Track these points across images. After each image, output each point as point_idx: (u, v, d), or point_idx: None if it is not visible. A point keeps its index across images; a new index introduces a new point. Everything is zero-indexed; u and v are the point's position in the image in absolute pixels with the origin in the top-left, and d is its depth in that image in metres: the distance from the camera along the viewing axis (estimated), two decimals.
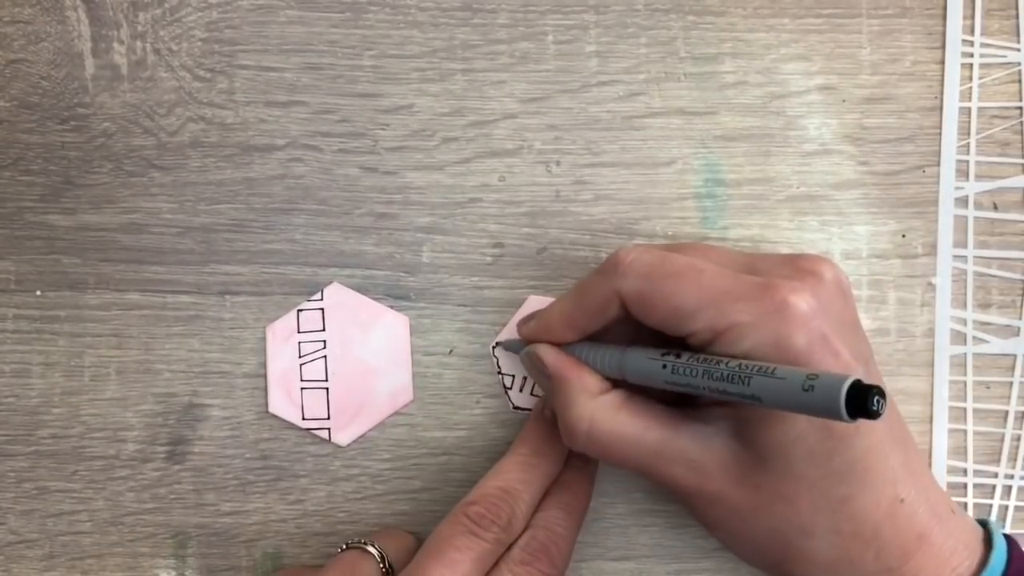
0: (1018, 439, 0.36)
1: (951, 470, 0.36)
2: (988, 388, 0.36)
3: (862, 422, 0.25)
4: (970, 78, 0.37)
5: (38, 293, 0.36)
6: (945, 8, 0.37)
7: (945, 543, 0.29)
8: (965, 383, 0.36)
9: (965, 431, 0.36)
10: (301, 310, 0.36)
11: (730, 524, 0.30)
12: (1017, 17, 0.37)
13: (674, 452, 0.29)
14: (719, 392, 0.27)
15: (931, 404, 0.36)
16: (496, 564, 0.30)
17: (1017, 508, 0.36)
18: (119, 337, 0.36)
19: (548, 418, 0.33)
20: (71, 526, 0.36)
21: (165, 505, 0.36)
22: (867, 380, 0.25)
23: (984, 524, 0.31)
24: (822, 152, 0.37)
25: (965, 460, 0.36)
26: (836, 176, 0.37)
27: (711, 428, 0.29)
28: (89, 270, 0.36)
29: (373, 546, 0.32)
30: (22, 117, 0.36)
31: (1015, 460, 0.36)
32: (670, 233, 0.36)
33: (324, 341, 0.36)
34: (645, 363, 0.30)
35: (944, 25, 0.37)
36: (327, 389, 0.36)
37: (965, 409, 0.36)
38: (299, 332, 0.36)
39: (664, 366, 0.29)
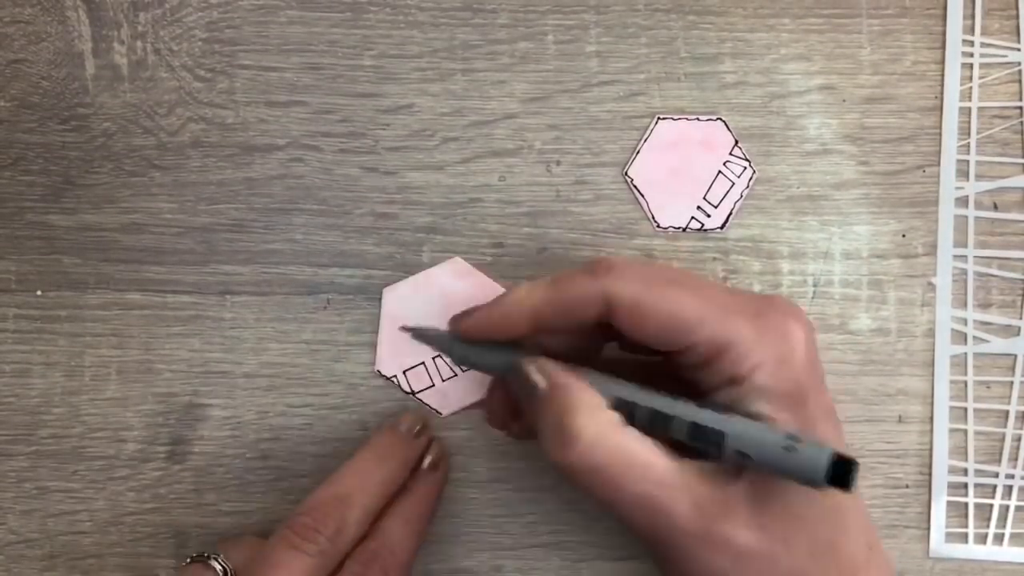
0: (1018, 439, 0.36)
1: (952, 470, 0.36)
2: (988, 388, 0.36)
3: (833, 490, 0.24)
4: (970, 78, 0.37)
5: (39, 293, 0.36)
6: (945, 8, 0.37)
7: None
8: (965, 383, 0.36)
9: (965, 431, 0.36)
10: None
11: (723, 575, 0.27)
12: (1017, 17, 0.37)
13: (684, 484, 0.26)
14: (695, 441, 0.27)
15: (931, 404, 0.36)
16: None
17: (1017, 508, 0.36)
18: (119, 337, 0.36)
19: (402, 432, 0.33)
20: (71, 526, 0.36)
21: (165, 505, 0.36)
22: (840, 439, 0.25)
23: None
24: (822, 152, 0.37)
25: (966, 460, 0.36)
26: (836, 176, 0.36)
27: (717, 463, 0.27)
28: (89, 270, 0.36)
29: (217, 559, 0.31)
30: (22, 117, 0.36)
31: (1015, 460, 0.36)
32: (670, 233, 0.36)
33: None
34: (625, 390, 0.28)
35: (944, 25, 0.37)
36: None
37: (965, 409, 0.36)
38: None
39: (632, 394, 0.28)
